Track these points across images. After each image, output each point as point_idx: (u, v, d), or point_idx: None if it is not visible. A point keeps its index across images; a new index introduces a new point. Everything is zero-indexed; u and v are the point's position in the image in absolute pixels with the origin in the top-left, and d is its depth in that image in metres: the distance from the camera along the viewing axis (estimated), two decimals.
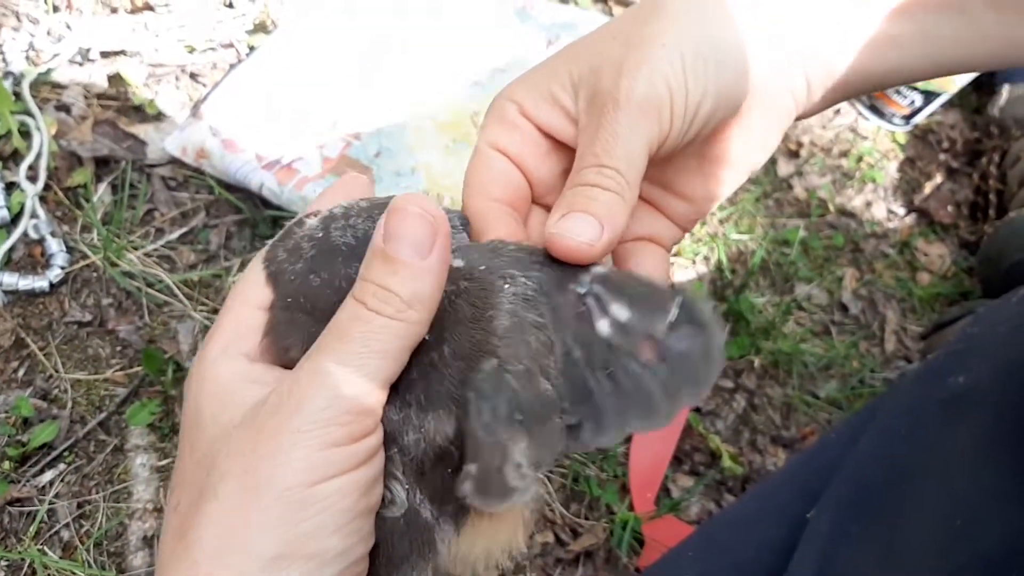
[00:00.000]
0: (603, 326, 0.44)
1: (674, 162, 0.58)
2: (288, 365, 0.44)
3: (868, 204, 1.47)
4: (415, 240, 0.42)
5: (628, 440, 1.09)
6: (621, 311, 0.44)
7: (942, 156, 1.55)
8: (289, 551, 0.39)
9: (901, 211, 1.48)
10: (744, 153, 0.58)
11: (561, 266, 0.46)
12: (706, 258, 1.29)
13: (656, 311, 0.44)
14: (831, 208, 1.43)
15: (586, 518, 1.03)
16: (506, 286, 0.44)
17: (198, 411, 0.43)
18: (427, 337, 0.42)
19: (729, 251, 1.31)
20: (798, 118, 0.60)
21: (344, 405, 0.40)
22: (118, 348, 0.99)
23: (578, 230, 0.46)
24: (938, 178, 1.52)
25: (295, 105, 1.13)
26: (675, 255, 1.27)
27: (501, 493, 0.40)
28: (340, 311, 0.42)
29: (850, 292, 1.34)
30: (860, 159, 1.50)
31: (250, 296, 0.46)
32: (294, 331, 0.44)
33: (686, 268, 1.27)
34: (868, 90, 0.60)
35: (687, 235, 1.27)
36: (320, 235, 0.46)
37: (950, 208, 1.48)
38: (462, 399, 0.41)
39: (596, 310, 0.44)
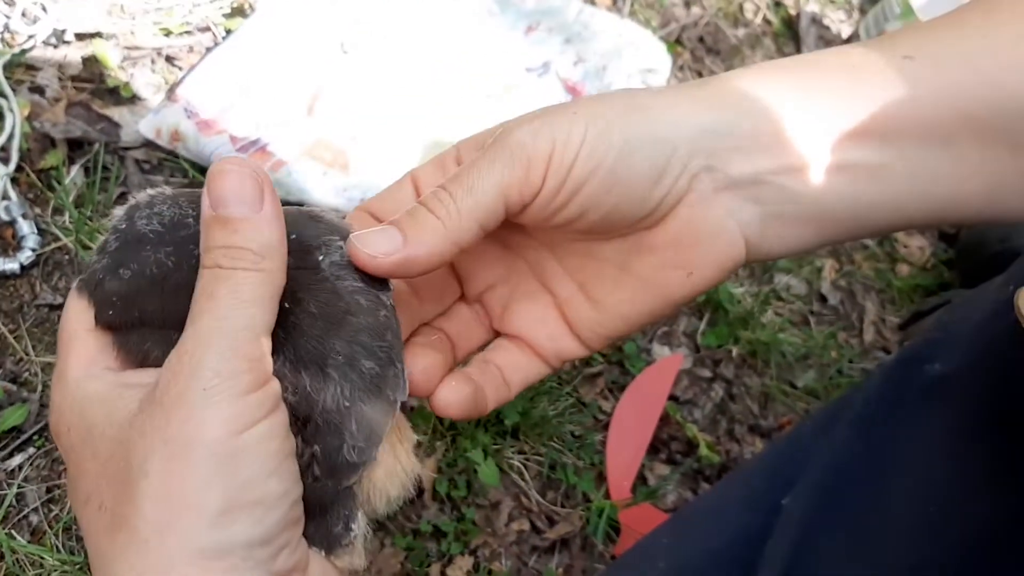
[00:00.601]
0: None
1: (597, 262, 0.54)
2: (155, 365, 0.43)
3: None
4: (244, 196, 0.42)
5: (605, 428, 1.09)
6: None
7: None
8: (233, 502, 0.39)
9: None
10: (661, 273, 0.52)
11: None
12: None
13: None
14: None
15: (562, 506, 1.03)
16: (320, 257, 0.45)
17: (87, 425, 0.43)
18: (284, 304, 0.43)
19: None
20: (757, 259, 0.53)
21: (238, 354, 0.40)
22: None
23: (372, 242, 0.46)
24: None
25: (271, 89, 1.12)
26: None
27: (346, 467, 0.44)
28: (197, 283, 0.42)
29: (829, 283, 1.35)
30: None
31: (79, 323, 0.45)
32: (138, 334, 0.44)
33: None
34: (854, 233, 0.53)
35: None
36: (124, 226, 0.45)
37: None
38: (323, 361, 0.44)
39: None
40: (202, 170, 1.09)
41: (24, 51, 1.15)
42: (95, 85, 1.16)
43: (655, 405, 1.11)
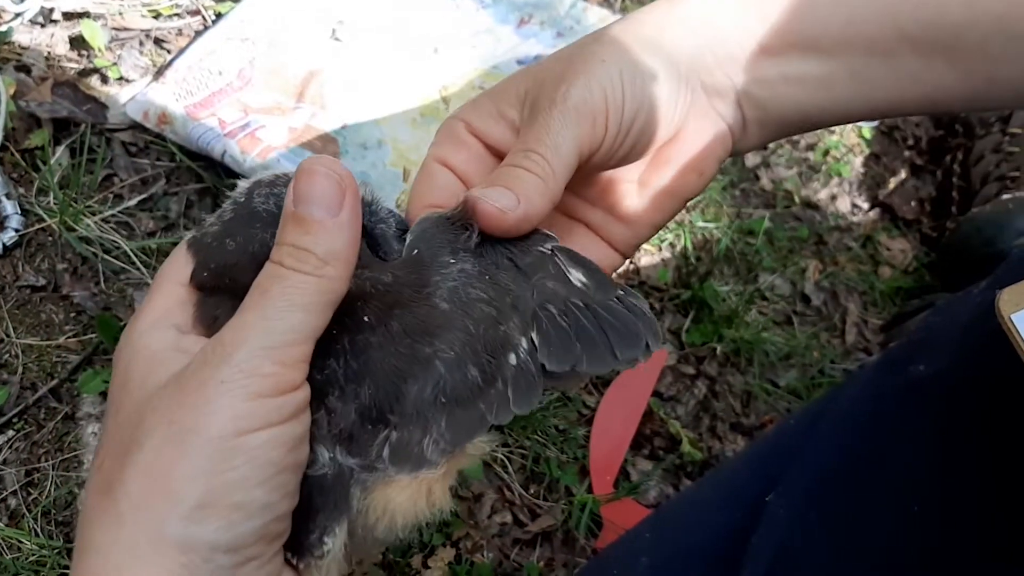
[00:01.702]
0: (573, 279, 0.49)
1: (615, 185, 0.61)
2: None
3: (833, 197, 1.48)
4: (324, 199, 0.43)
5: (589, 423, 1.09)
6: (579, 275, 0.49)
7: (907, 153, 1.56)
8: (212, 500, 0.39)
9: (865, 205, 1.50)
10: (680, 179, 0.60)
11: (519, 238, 0.49)
12: (672, 245, 1.29)
13: (607, 282, 0.50)
14: (796, 200, 1.44)
15: (545, 499, 1.03)
16: (452, 262, 0.47)
17: (127, 378, 0.44)
18: (366, 318, 0.44)
19: (695, 239, 1.31)
20: (735, 153, 0.62)
21: (269, 356, 0.40)
22: (72, 314, 0.97)
23: (495, 196, 0.48)
24: (902, 174, 1.53)
25: (260, 74, 1.11)
26: None
27: (414, 463, 0.44)
28: (260, 273, 0.43)
29: (813, 283, 1.35)
30: (827, 153, 1.51)
31: (175, 273, 0.47)
32: (219, 301, 0.45)
33: (652, 254, 1.27)
34: (806, 128, 0.63)
35: None
36: (243, 200, 0.47)
37: (914, 204, 1.49)
38: (397, 373, 0.44)
39: (564, 267, 0.49)
40: (189, 154, 1.08)
41: (11, 29, 1.14)
42: (83, 66, 1.15)
43: (639, 401, 1.12)
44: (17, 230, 0.98)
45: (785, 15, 0.57)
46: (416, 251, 0.47)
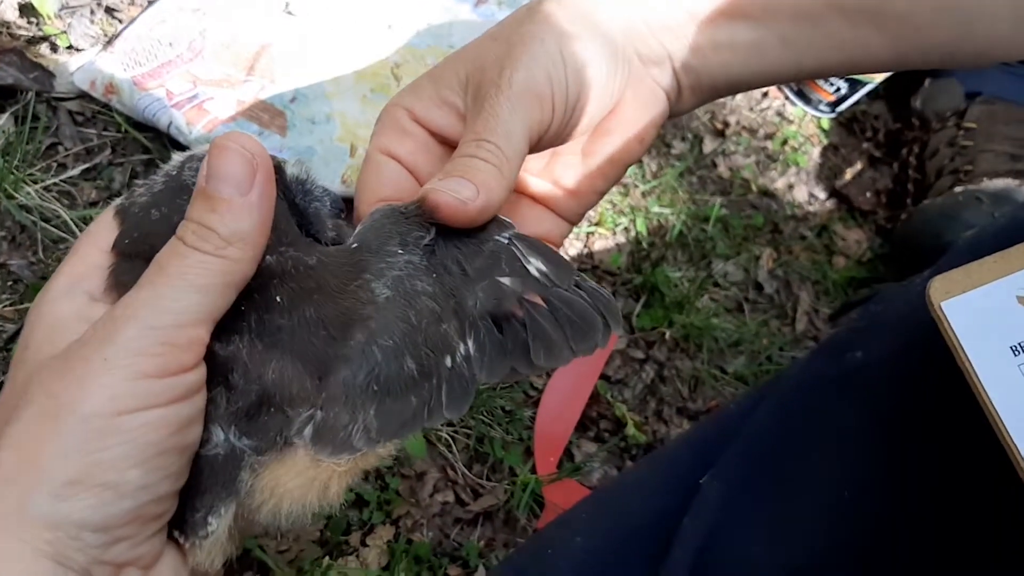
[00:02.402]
0: (533, 269, 0.48)
1: (559, 157, 0.62)
2: None
3: (790, 186, 1.49)
4: (234, 178, 0.42)
5: (536, 404, 1.09)
6: (539, 264, 0.48)
7: (865, 144, 1.57)
8: (83, 477, 0.38)
9: (822, 195, 1.51)
10: (623, 148, 0.61)
11: (475, 228, 0.49)
12: (626, 229, 1.29)
13: (565, 266, 0.49)
14: (753, 188, 1.45)
15: (488, 479, 1.03)
16: (400, 253, 0.46)
17: (27, 344, 0.43)
18: (279, 299, 0.44)
19: (649, 224, 1.31)
20: (671, 116, 0.64)
21: (157, 336, 0.39)
22: (9, 283, 0.95)
23: (455, 188, 0.47)
24: (859, 165, 1.54)
25: (211, 45, 1.09)
26: (596, 224, 1.27)
27: (338, 447, 0.43)
28: (163, 249, 0.42)
29: (766, 271, 1.36)
30: (785, 142, 1.52)
31: (97, 238, 0.46)
32: (133, 269, 0.44)
33: (606, 238, 1.27)
34: (738, 91, 0.65)
35: (609, 205, 1.27)
36: (175, 172, 0.47)
37: (869, 195, 1.50)
38: (326, 358, 0.43)
39: (523, 258, 0.48)
40: (136, 124, 1.06)
41: None
42: (31, 33, 1.13)
43: (586, 383, 1.12)
44: None
45: None
46: (364, 238, 0.47)
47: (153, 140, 1.06)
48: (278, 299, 0.43)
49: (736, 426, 0.78)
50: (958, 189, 1.29)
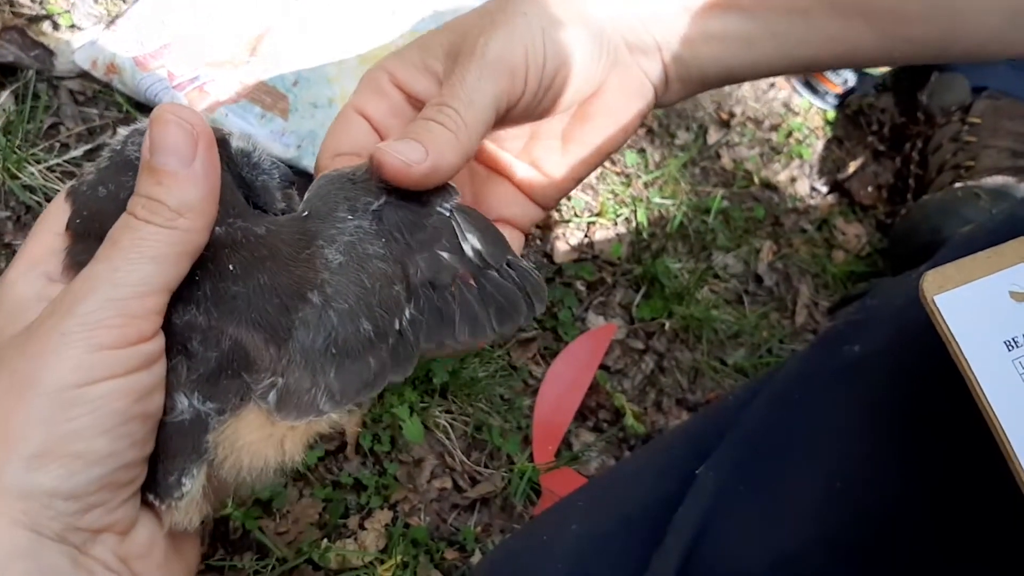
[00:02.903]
0: (467, 248, 0.49)
1: (539, 139, 0.61)
2: None
3: (792, 179, 1.49)
4: (176, 149, 0.42)
5: (535, 393, 1.09)
6: (475, 241, 0.49)
7: (870, 138, 1.57)
8: (51, 448, 0.38)
9: (824, 189, 1.51)
10: (604, 134, 0.61)
11: (421, 194, 0.49)
12: (627, 220, 1.29)
13: (501, 244, 0.50)
14: (756, 180, 1.44)
15: (486, 467, 1.03)
16: (350, 219, 0.46)
17: None
18: (231, 267, 0.44)
19: (651, 215, 1.31)
20: (658, 106, 0.64)
21: (115, 308, 0.40)
22: None
23: (402, 150, 0.47)
24: (862, 159, 1.54)
25: (214, 27, 1.09)
26: (597, 214, 1.27)
27: (303, 410, 0.44)
28: (115, 225, 0.42)
29: (766, 264, 1.36)
30: (789, 134, 1.52)
31: (52, 222, 0.46)
32: (88, 248, 0.44)
33: (607, 228, 1.27)
34: (728, 82, 0.65)
35: (610, 195, 1.27)
36: (119, 148, 0.47)
37: (871, 189, 1.50)
38: (282, 324, 0.44)
39: (460, 233, 0.49)
40: (137, 105, 1.06)
41: None
42: (34, 11, 1.13)
43: (586, 373, 1.12)
44: None
45: None
46: (312, 205, 0.47)
47: None
48: (231, 267, 0.44)
49: (733, 417, 0.78)
50: (958, 185, 1.29)
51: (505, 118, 0.54)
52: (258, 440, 0.45)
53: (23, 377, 0.39)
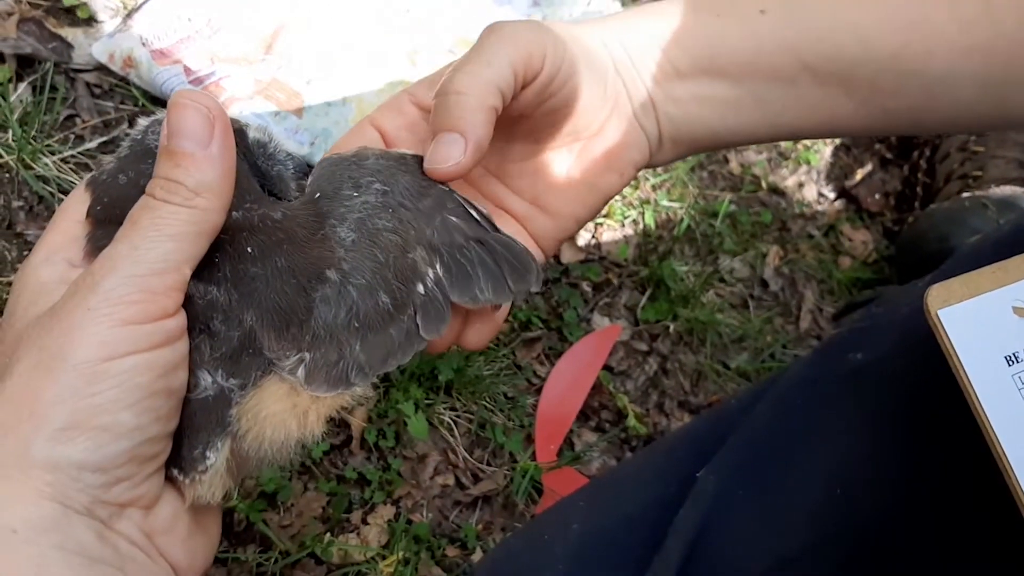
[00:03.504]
0: (475, 214, 0.52)
1: (542, 177, 0.63)
2: None
3: (800, 185, 1.49)
4: (194, 132, 0.44)
5: (538, 391, 1.10)
6: (475, 211, 0.52)
7: (877, 145, 1.58)
8: (79, 422, 0.40)
9: (831, 195, 1.51)
10: (605, 177, 0.63)
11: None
12: (635, 222, 1.30)
13: (491, 222, 0.53)
14: (763, 185, 1.45)
15: (488, 464, 1.04)
16: (355, 195, 0.48)
17: (13, 309, 0.45)
18: (250, 249, 0.46)
19: (658, 217, 1.32)
20: (650, 164, 0.66)
21: (137, 284, 0.41)
22: (24, 252, 0.96)
23: (444, 155, 0.51)
24: (870, 166, 1.55)
25: (231, 23, 1.10)
26: (605, 216, 1.28)
27: (333, 382, 0.46)
28: (134, 207, 0.44)
29: (772, 269, 1.37)
30: (797, 140, 1.52)
31: (72, 211, 0.48)
32: (108, 234, 0.46)
33: (614, 230, 1.28)
34: (716, 147, 0.70)
35: (618, 197, 1.28)
36: (139, 137, 0.49)
37: (879, 196, 1.51)
38: (302, 304, 0.46)
39: (464, 203, 0.52)
40: (153, 99, 1.07)
41: None
42: (51, 3, 1.14)
43: (589, 373, 1.13)
44: None
45: (699, 43, 0.62)
46: (319, 187, 0.49)
47: None
48: (249, 250, 0.46)
49: (735, 421, 0.79)
50: (965, 194, 1.29)
51: (518, 97, 0.55)
52: (281, 411, 0.47)
53: (51, 353, 0.40)
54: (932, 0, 0.59)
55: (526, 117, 0.59)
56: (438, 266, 0.49)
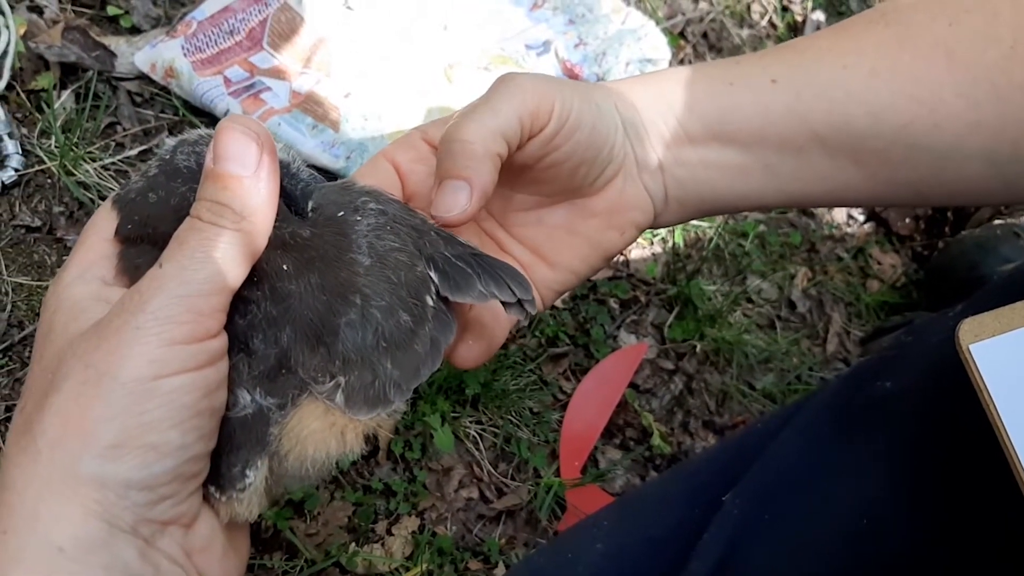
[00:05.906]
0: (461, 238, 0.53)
1: (544, 227, 0.64)
2: None
3: (829, 207, 1.49)
4: (242, 157, 0.45)
5: (564, 407, 1.11)
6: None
7: None
8: (127, 440, 0.40)
9: (861, 218, 1.51)
10: (606, 235, 0.64)
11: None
12: (663, 240, 1.30)
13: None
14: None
15: (512, 479, 1.05)
16: (359, 219, 0.49)
17: (50, 327, 0.45)
18: (285, 267, 0.46)
19: (687, 236, 1.32)
20: (655, 226, 0.67)
21: (184, 304, 0.42)
22: (64, 257, 0.98)
23: (451, 202, 0.52)
24: None
25: (271, 36, 1.12)
26: None
27: (371, 402, 0.47)
28: (180, 227, 0.45)
29: (800, 290, 1.37)
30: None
31: (100, 229, 0.49)
32: (140, 252, 0.47)
33: (642, 247, 1.28)
34: (723, 211, 0.70)
35: None
36: (168, 157, 0.49)
37: (909, 220, 1.50)
38: (330, 325, 0.46)
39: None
40: (193, 109, 1.09)
41: None
42: (95, 12, 1.16)
43: (615, 390, 1.13)
44: (17, 169, 0.99)
45: (710, 110, 0.63)
46: (327, 211, 0.49)
47: (209, 125, 1.09)
48: (285, 267, 0.46)
49: (761, 445, 0.79)
50: (997, 222, 1.29)
51: (525, 144, 0.56)
52: (321, 429, 0.47)
53: (99, 370, 0.41)
54: (940, 76, 0.59)
55: (530, 168, 0.59)
56: (433, 273, 0.50)
